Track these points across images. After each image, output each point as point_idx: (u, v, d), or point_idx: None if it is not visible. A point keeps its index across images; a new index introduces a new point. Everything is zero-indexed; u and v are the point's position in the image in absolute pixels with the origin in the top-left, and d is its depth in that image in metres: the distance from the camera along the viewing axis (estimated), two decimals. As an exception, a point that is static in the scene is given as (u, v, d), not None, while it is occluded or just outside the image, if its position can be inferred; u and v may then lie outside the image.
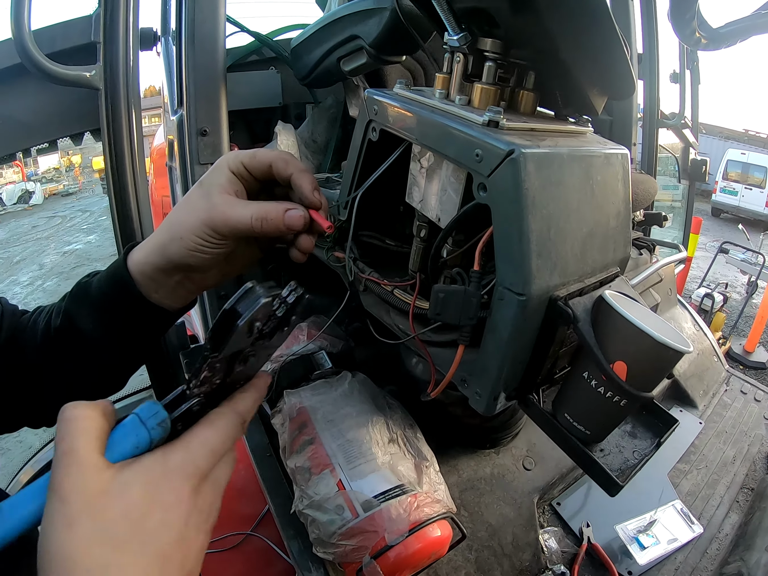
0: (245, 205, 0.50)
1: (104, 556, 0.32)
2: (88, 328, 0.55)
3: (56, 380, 0.61)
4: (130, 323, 0.57)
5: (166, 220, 0.53)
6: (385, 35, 0.93)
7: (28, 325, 0.61)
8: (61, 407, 0.59)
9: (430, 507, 0.78)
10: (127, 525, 0.33)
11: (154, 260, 0.52)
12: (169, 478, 0.35)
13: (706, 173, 2.35)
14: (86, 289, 0.57)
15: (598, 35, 0.52)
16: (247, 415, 0.42)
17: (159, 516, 0.34)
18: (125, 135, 0.99)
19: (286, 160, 0.50)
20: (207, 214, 0.49)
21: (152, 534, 0.34)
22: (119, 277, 0.54)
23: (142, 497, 0.34)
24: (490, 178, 0.46)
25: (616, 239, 0.58)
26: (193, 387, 0.37)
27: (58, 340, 0.57)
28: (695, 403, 1.66)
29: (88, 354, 0.58)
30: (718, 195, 12.93)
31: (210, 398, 0.39)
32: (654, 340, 0.45)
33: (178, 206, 0.52)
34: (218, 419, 0.39)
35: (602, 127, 1.91)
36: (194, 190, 0.52)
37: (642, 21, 1.96)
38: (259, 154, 0.51)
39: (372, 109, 0.60)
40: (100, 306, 0.55)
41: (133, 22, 1.02)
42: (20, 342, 0.60)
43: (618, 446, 0.57)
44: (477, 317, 0.49)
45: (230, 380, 0.40)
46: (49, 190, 15.19)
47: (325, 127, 1.38)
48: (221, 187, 0.50)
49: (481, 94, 0.54)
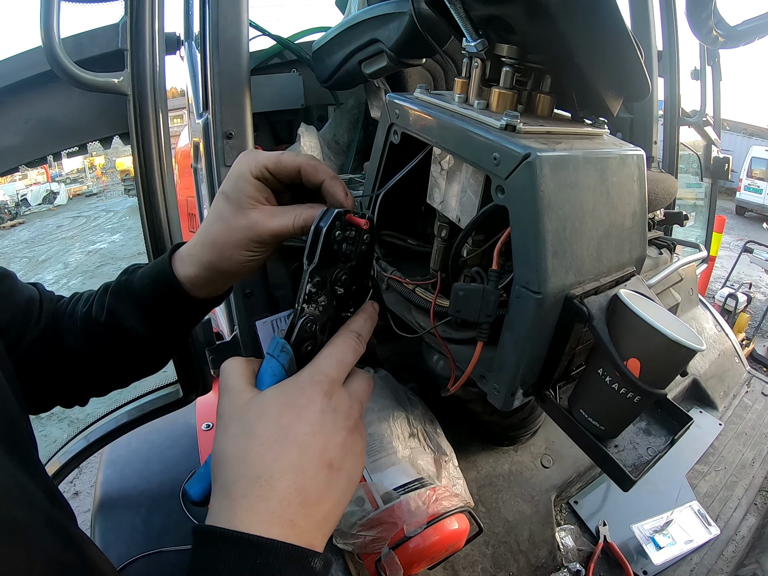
0: (283, 212, 0.52)
1: (247, 445, 0.40)
2: (132, 324, 0.60)
3: (95, 366, 0.66)
4: (174, 319, 0.62)
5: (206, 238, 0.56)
6: (405, 39, 0.94)
7: (67, 311, 0.66)
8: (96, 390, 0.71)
9: (449, 500, 0.79)
10: (264, 422, 0.41)
11: (205, 275, 0.57)
12: (301, 387, 0.42)
13: (728, 171, 2.32)
14: (128, 288, 0.61)
15: (611, 39, 0.53)
16: (361, 331, 0.48)
17: (292, 413, 0.41)
18: (153, 138, 1.01)
19: (315, 166, 0.51)
20: (252, 232, 0.52)
21: (287, 428, 0.41)
22: (165, 280, 0.58)
23: (276, 401, 0.42)
24: (508, 181, 0.48)
25: (631, 239, 0.59)
26: (299, 308, 0.44)
27: (101, 332, 0.62)
28: (715, 404, 1.64)
29: (131, 347, 0.63)
30: (743, 193, 12.67)
31: (324, 326, 0.47)
32: (666, 337, 0.46)
33: (215, 224, 0.55)
34: (336, 338, 0.47)
35: (623, 126, 1.90)
36: (224, 204, 0.54)
37: (661, 18, 1.94)
38: (284, 160, 0.52)
39: (394, 113, 0.62)
40: (145, 306, 0.60)
41: (159, 28, 1.05)
42: (58, 326, 0.65)
43: (632, 443, 0.58)
44: (495, 315, 0.51)
45: (336, 306, 0.48)
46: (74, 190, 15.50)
47: (346, 129, 1.40)
48: (252, 199, 0.53)
49: (499, 99, 0.56)
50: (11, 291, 0.62)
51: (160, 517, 1.18)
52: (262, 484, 0.39)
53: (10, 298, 0.61)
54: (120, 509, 1.24)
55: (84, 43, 1.02)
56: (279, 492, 0.39)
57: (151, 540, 1.12)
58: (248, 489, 0.39)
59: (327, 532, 0.42)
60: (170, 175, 1.07)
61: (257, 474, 0.39)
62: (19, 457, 0.43)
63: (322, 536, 0.41)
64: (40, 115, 1.05)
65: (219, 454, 0.41)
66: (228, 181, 0.54)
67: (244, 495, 0.38)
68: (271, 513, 0.38)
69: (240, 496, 0.39)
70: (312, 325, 0.45)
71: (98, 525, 1.19)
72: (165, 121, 1.04)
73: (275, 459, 0.40)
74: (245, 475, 0.39)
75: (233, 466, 0.40)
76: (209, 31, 1.04)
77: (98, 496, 1.28)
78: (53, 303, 0.67)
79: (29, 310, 0.63)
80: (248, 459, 0.40)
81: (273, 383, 0.44)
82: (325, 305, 0.46)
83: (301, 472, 0.40)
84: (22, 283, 0.65)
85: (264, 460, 0.40)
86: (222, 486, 0.40)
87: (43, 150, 1.09)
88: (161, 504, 1.21)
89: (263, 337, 1.16)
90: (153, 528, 1.16)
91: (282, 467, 0.40)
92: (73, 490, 3.29)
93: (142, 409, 1.26)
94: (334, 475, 0.42)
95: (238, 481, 0.39)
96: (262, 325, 1.16)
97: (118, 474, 1.35)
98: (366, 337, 0.49)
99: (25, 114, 1.03)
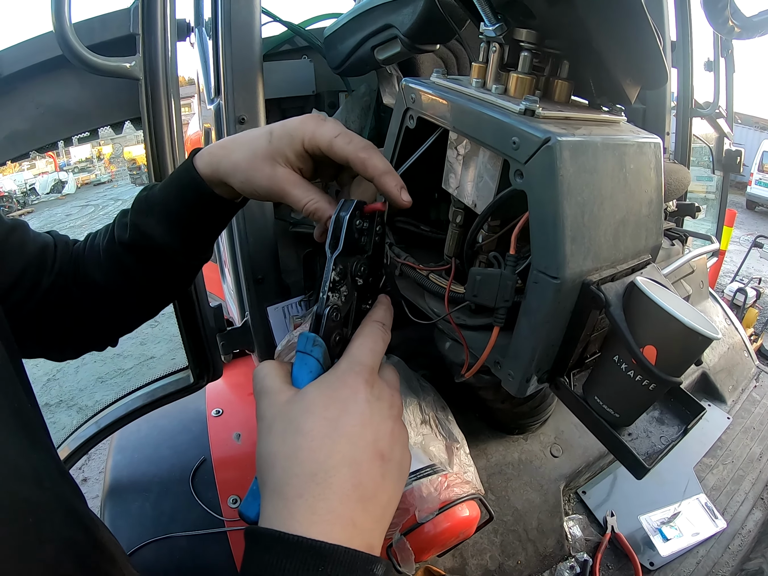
0: (305, 190, 0.53)
1: (296, 443, 0.38)
2: (159, 234, 0.59)
3: (124, 295, 0.65)
4: (201, 222, 0.61)
5: (232, 152, 0.55)
6: (420, 24, 0.94)
7: (86, 248, 0.66)
8: (127, 323, 0.71)
9: (460, 487, 0.80)
10: (311, 418, 0.39)
11: (218, 179, 0.57)
12: (342, 379, 0.41)
13: (740, 164, 2.30)
14: (151, 201, 0.61)
15: (631, 26, 0.52)
16: (384, 320, 0.49)
17: (338, 406, 0.40)
18: (165, 123, 1.01)
19: (363, 161, 0.51)
20: (268, 182, 0.53)
21: (335, 420, 0.39)
22: (190, 180, 0.58)
23: (320, 395, 0.40)
24: (527, 165, 0.48)
25: (648, 227, 0.58)
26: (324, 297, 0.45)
27: (127, 254, 0.62)
28: (724, 398, 1.64)
29: (160, 261, 0.62)
30: (754, 187, 12.53)
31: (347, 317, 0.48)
32: (684, 325, 0.46)
33: (244, 148, 0.55)
34: (363, 329, 0.47)
35: (635, 116, 1.89)
36: (264, 142, 0.54)
37: (675, 8, 1.92)
38: (336, 147, 0.51)
39: (409, 97, 0.62)
40: (172, 212, 0.60)
41: (171, 13, 1.05)
42: (80, 266, 0.65)
43: (646, 431, 0.58)
44: (512, 299, 0.51)
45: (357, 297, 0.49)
46: (82, 179, 15.53)
47: (358, 115, 1.39)
48: (289, 160, 0.53)
49: (517, 84, 0.55)
50: (22, 242, 0.62)
51: (169, 502, 1.19)
52: (318, 482, 0.37)
53: (21, 248, 0.61)
54: (129, 494, 1.24)
55: (95, 27, 1.01)
56: (336, 488, 0.37)
57: (161, 525, 1.13)
58: (304, 488, 0.37)
59: (384, 530, 0.41)
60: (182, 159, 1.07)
61: (312, 471, 0.37)
62: (28, 435, 0.42)
63: (379, 535, 0.40)
64: (52, 100, 1.05)
65: (266, 456, 0.40)
66: (282, 129, 0.54)
67: (301, 495, 0.37)
68: (331, 512, 0.36)
69: (296, 496, 0.37)
70: (337, 314, 0.45)
71: (108, 510, 1.20)
72: (177, 107, 1.04)
73: (328, 454, 0.38)
74: (299, 474, 0.37)
75: (284, 465, 0.38)
76: (221, 17, 1.04)
77: (108, 482, 1.29)
78: (69, 247, 0.67)
79: (43, 258, 0.63)
80: (300, 456, 0.38)
81: (311, 380, 0.43)
82: (347, 295, 0.47)
83: (356, 465, 0.38)
84: (35, 233, 0.65)
85: (317, 456, 0.38)
86: (273, 487, 0.38)
87: (54, 135, 1.09)
88: (171, 489, 1.22)
89: (275, 323, 1.16)
90: (162, 513, 1.17)
91: (336, 462, 0.38)
92: (82, 476, 3.32)
93: (153, 394, 1.27)
94: (387, 466, 0.41)
95: (291, 480, 0.37)
96: (273, 310, 1.17)
97: (128, 459, 1.35)
98: (389, 327, 0.49)
99: (37, 99, 1.03)
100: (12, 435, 0.40)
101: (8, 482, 0.36)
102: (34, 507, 0.37)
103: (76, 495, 0.46)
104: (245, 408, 1.36)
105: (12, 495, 0.35)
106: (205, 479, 1.16)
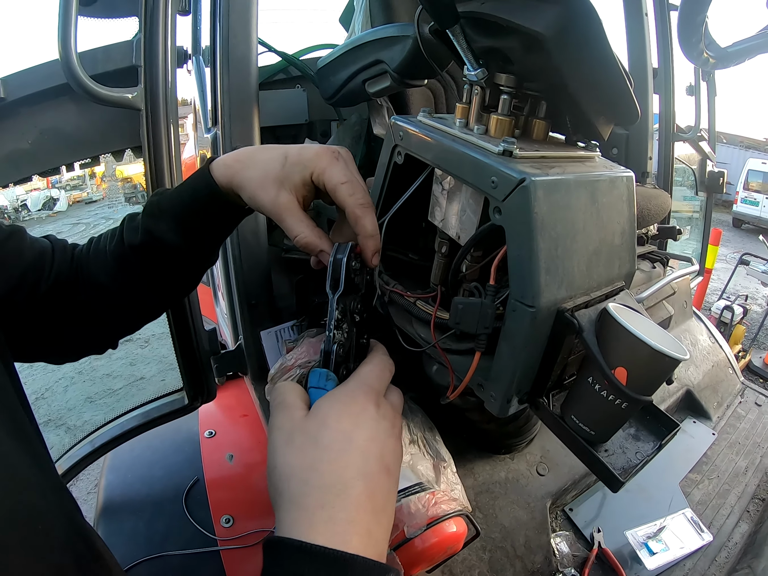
0: (299, 221, 0.56)
1: (315, 455, 0.41)
2: (170, 237, 0.61)
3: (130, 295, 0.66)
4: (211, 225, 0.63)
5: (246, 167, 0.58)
6: (409, 61, 0.98)
7: (90, 252, 0.66)
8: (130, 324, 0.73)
9: (447, 504, 0.82)
10: (327, 431, 0.42)
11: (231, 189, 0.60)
12: (352, 396, 0.44)
13: (723, 185, 2.35)
14: (162, 205, 0.62)
15: (602, 71, 0.57)
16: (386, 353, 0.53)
17: (351, 420, 0.43)
18: (165, 152, 1.05)
19: (357, 218, 0.55)
20: (270, 206, 0.56)
21: (348, 433, 0.42)
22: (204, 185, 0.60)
23: (332, 408, 0.43)
24: (505, 203, 0.51)
25: (621, 256, 0.62)
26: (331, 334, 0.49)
27: (136, 256, 0.63)
28: (709, 414, 1.67)
29: (168, 263, 0.64)
30: (739, 205, 12.74)
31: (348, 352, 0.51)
32: (651, 348, 0.49)
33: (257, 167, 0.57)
34: (370, 358, 0.51)
35: (619, 141, 1.94)
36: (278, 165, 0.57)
37: (657, 36, 1.99)
38: (339, 194, 0.55)
39: (398, 135, 0.66)
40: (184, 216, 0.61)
41: (171, 45, 1.08)
42: (82, 270, 0.65)
43: (622, 447, 0.62)
44: (492, 327, 0.55)
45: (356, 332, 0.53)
46: (74, 197, 15.44)
47: (349, 144, 1.43)
48: (295, 187, 0.56)
49: (497, 125, 0.59)
50: (20, 248, 0.62)
51: (162, 521, 1.20)
52: (337, 493, 0.39)
53: (19, 255, 0.62)
54: (123, 514, 1.25)
55: (99, 58, 1.04)
56: (354, 500, 0.39)
57: (154, 544, 1.14)
58: (324, 499, 0.38)
59: (388, 539, 0.43)
60: (180, 185, 1.10)
61: (330, 483, 0.39)
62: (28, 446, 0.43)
63: (386, 543, 0.42)
64: (55, 126, 1.07)
65: (284, 467, 0.41)
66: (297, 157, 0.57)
67: (322, 506, 0.38)
68: (350, 522, 0.38)
69: (317, 507, 0.38)
70: (342, 349, 0.49)
71: (101, 528, 1.20)
72: (176, 135, 1.07)
73: (345, 467, 0.40)
74: (319, 485, 0.39)
75: (304, 476, 0.40)
76: (220, 49, 1.08)
77: (101, 501, 1.29)
78: (68, 251, 0.68)
79: (41, 263, 0.64)
80: (319, 469, 0.40)
81: None
82: (348, 332, 0.51)
83: (369, 478, 0.41)
84: (33, 238, 0.66)
85: (334, 468, 0.40)
86: (290, 498, 0.40)
87: (56, 161, 1.12)
88: (164, 509, 1.23)
89: (267, 347, 1.19)
90: (156, 533, 1.17)
91: (352, 474, 0.40)
92: (71, 497, 3.27)
93: (148, 415, 1.28)
94: (392, 479, 0.44)
95: (311, 492, 0.39)
96: (266, 335, 1.19)
97: (121, 479, 1.36)
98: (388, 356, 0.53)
99: (40, 125, 1.06)
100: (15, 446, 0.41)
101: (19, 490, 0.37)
102: (42, 514, 0.38)
103: (74, 507, 0.47)
104: (237, 429, 1.37)
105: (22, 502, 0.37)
106: (198, 499, 1.17)
